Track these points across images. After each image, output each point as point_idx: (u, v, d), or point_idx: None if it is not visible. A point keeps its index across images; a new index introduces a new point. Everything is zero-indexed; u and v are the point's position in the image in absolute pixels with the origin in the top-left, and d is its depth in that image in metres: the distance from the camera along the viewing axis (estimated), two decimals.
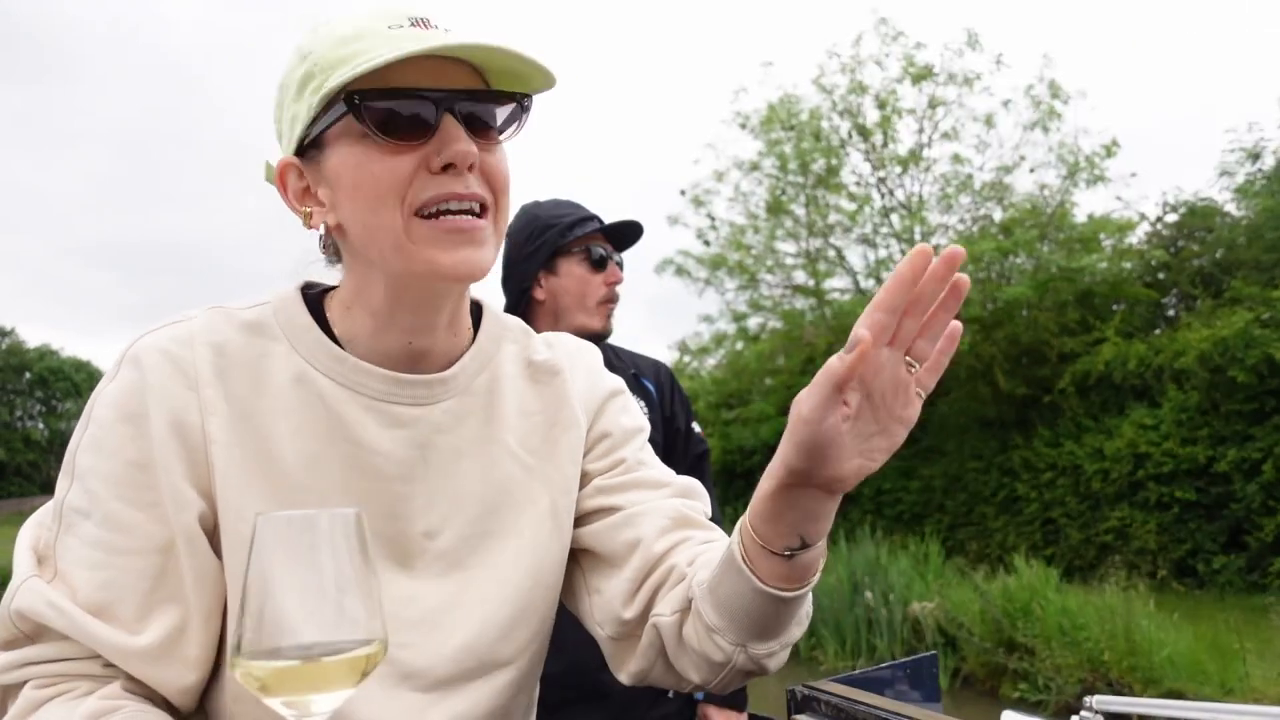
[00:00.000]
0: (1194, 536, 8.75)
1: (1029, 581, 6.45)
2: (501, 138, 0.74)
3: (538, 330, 1.73)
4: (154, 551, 0.68)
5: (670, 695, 1.74)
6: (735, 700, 1.79)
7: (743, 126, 13.53)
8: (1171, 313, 9.99)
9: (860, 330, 0.59)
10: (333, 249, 0.78)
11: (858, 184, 13.21)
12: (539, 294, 1.74)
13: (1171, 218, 10.55)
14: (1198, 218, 10.02)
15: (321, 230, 0.76)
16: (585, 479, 0.86)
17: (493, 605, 0.77)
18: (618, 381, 0.94)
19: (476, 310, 0.87)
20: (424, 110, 0.69)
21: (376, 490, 0.74)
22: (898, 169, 12.92)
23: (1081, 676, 5.74)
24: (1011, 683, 6.22)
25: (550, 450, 0.84)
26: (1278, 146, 9.36)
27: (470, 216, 0.71)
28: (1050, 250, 10.92)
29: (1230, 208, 10.24)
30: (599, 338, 1.76)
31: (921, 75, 12.38)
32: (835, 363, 0.60)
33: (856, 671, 1.06)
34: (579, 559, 0.87)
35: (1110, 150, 10.85)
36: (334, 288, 0.81)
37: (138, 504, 0.68)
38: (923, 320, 0.63)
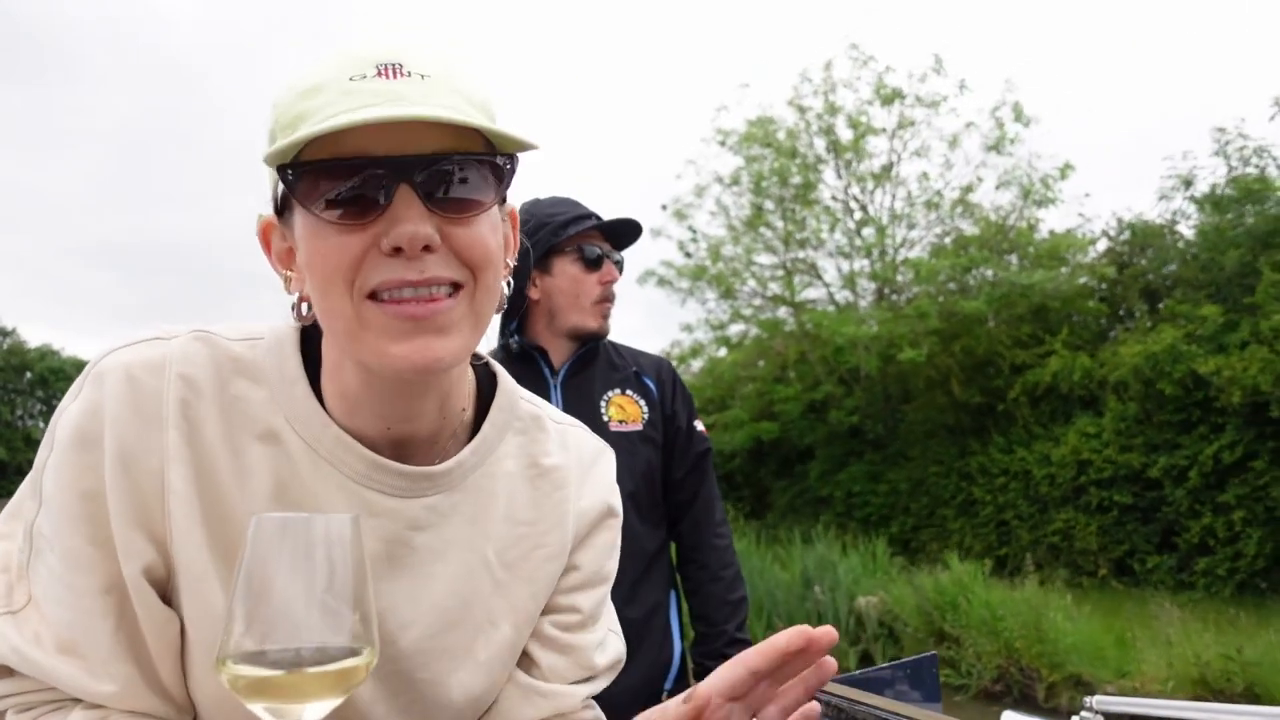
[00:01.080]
0: (1131, 538, 9.40)
1: (959, 577, 7.09)
2: (475, 211, 0.63)
3: (531, 333, 1.66)
4: (113, 589, 0.65)
5: (663, 694, 1.75)
6: None
7: (722, 144, 14.19)
8: (1119, 327, 10.63)
9: (703, 688, 0.60)
10: (309, 317, 0.69)
11: (833, 198, 13.86)
12: (534, 294, 1.71)
13: (1124, 235, 11.20)
14: (1139, 238, 10.67)
15: (295, 297, 0.68)
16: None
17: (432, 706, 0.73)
18: (616, 500, 0.85)
19: (490, 380, 0.79)
20: (374, 183, 0.59)
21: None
22: (870, 185, 13.58)
23: (998, 663, 6.39)
24: (945, 669, 6.89)
25: (527, 573, 0.77)
26: (1228, 170, 10.01)
27: (429, 302, 0.61)
28: (1008, 267, 11.57)
29: (1182, 227, 10.91)
30: (596, 337, 1.74)
31: (890, 98, 13.03)
32: (673, 710, 0.61)
33: (856, 672, 1.05)
34: None
35: (1064, 172, 11.50)
36: None
37: (94, 540, 0.64)
38: (780, 688, 0.63)
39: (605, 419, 1.72)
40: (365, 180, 0.60)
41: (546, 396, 1.63)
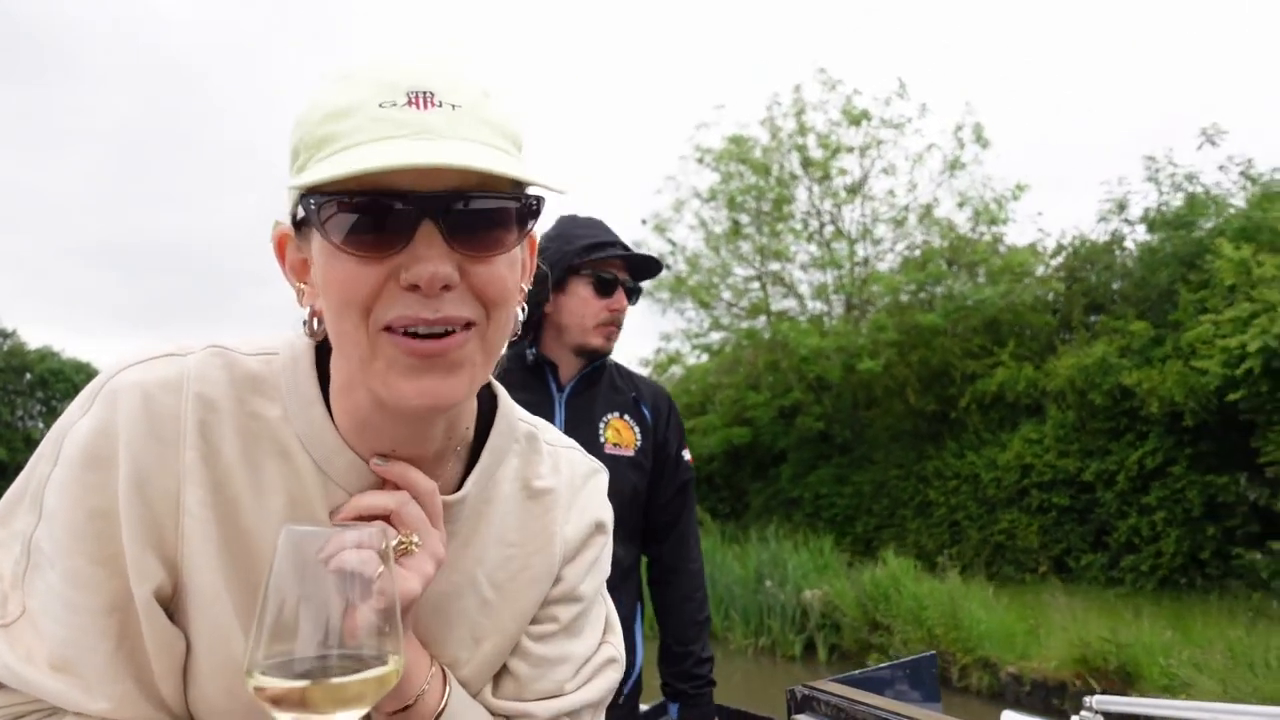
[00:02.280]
0: (1068, 537, 10.15)
1: (892, 572, 7.84)
2: (497, 251, 0.63)
3: (544, 346, 1.71)
4: (115, 609, 0.65)
5: (620, 701, 1.77)
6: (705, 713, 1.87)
7: (700, 161, 14.93)
8: (1058, 340, 11.38)
9: None
10: (321, 332, 0.68)
11: (808, 212, 14.60)
12: (548, 308, 1.77)
13: (1069, 253, 11.95)
14: (1080, 257, 11.43)
15: (308, 311, 0.68)
16: None
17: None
18: (606, 516, 0.87)
19: (491, 398, 0.81)
20: (398, 217, 0.59)
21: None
22: (841, 199, 14.32)
23: (921, 648, 7.14)
24: (874, 655, 7.64)
25: (513, 594, 0.79)
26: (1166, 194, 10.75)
27: (441, 338, 0.61)
28: (968, 281, 12.33)
29: (1129, 243, 11.66)
30: (598, 354, 1.80)
31: (858, 119, 13.78)
32: None
33: (856, 672, 1.06)
34: None
35: (1016, 193, 12.26)
36: None
37: (98, 558, 0.65)
38: None
39: (602, 440, 1.79)
40: (388, 214, 0.59)
41: (551, 409, 1.77)
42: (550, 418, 1.73)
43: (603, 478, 0.89)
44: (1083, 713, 1.18)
